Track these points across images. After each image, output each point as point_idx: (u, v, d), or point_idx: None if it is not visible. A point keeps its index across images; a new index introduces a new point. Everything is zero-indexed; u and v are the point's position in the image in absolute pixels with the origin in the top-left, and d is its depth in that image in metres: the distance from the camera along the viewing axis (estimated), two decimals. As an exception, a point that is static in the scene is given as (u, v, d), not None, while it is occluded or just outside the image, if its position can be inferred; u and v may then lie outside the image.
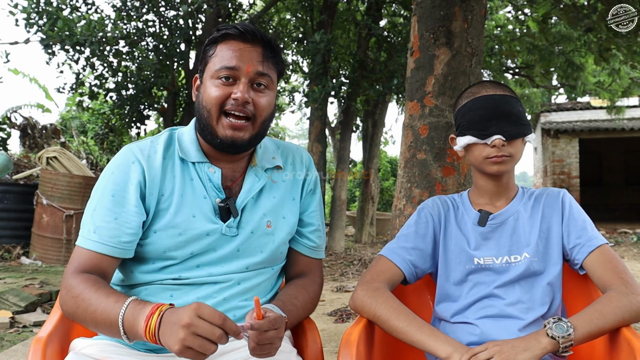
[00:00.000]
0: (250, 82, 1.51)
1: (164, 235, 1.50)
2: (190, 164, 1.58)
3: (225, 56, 1.50)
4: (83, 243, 1.47)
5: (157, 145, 1.58)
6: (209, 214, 1.54)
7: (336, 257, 9.55)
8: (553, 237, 1.71)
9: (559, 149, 17.08)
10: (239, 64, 1.49)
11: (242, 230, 1.57)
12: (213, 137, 1.52)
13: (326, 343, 4.04)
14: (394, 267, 1.73)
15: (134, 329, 1.29)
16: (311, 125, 10.43)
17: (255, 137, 1.55)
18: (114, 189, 1.49)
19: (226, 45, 1.51)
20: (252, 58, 1.50)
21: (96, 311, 1.35)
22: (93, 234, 1.46)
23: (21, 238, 7.64)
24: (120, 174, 1.51)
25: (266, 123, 1.56)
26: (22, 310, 4.43)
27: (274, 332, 1.33)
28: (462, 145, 1.73)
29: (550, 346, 1.42)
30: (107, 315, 1.33)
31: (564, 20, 7.19)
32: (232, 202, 1.56)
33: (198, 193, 1.55)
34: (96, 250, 1.46)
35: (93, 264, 1.46)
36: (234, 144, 1.51)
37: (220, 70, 1.49)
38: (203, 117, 1.53)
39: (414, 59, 3.43)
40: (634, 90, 11.94)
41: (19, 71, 13.93)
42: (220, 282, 1.54)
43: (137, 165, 1.51)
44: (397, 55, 9.63)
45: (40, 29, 9.07)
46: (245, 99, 1.48)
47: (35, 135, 10.87)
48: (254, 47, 1.51)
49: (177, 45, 9.67)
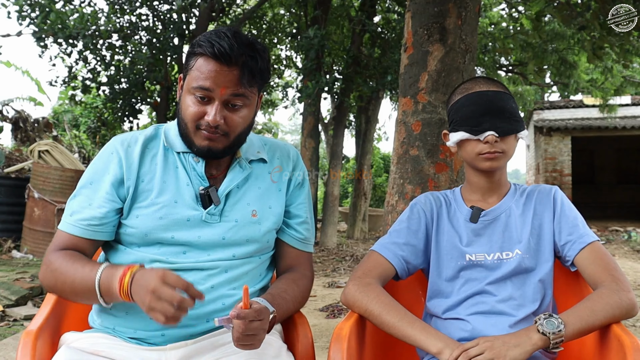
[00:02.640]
0: (225, 103, 1.51)
1: (146, 218, 1.54)
2: (175, 153, 1.62)
3: (201, 75, 1.49)
4: (61, 226, 1.57)
5: (139, 137, 1.64)
6: (190, 201, 1.57)
7: (328, 252, 9.55)
8: (545, 233, 1.71)
9: (551, 147, 17.12)
10: (213, 87, 1.48)
11: (226, 219, 1.59)
12: (190, 145, 1.58)
13: (317, 338, 4.05)
14: (385, 263, 1.74)
15: (109, 291, 1.41)
16: (304, 120, 10.42)
17: (230, 147, 1.58)
18: (92, 177, 1.59)
19: (204, 62, 1.49)
20: (227, 81, 1.48)
21: (74, 281, 1.46)
22: (69, 217, 1.56)
23: (12, 232, 7.61)
24: (100, 165, 1.60)
25: (242, 135, 1.60)
26: (13, 304, 4.42)
27: (259, 323, 1.34)
28: (455, 141, 1.73)
29: (541, 342, 1.42)
30: (85, 282, 1.44)
31: (557, 18, 7.21)
32: (214, 190, 1.59)
33: (181, 180, 1.59)
34: (71, 232, 1.55)
35: (71, 244, 1.55)
36: (209, 152, 1.56)
37: (196, 89, 1.50)
38: (181, 126, 1.58)
39: (408, 55, 3.42)
40: (627, 89, 12.00)
41: (11, 64, 13.84)
42: (207, 268, 1.56)
43: (115, 155, 1.59)
44: (390, 51, 9.64)
45: (33, 22, 9.03)
46: (217, 123, 1.50)
47: (27, 128, 10.81)
48: (230, 68, 1.48)
49: (170, 39, 9.64)
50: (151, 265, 1.52)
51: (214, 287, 1.55)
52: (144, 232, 1.54)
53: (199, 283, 1.53)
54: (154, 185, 1.57)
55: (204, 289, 1.52)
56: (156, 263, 1.53)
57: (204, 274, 1.55)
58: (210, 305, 1.54)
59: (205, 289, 1.52)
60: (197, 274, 1.54)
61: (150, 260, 1.53)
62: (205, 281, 1.54)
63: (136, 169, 1.57)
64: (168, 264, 1.53)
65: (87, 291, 1.44)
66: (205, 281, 1.54)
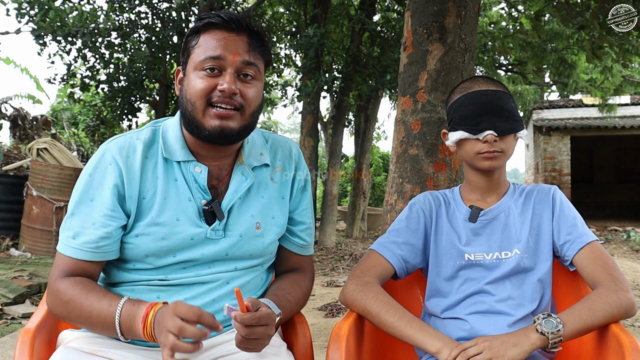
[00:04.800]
0: (237, 72, 1.44)
1: (147, 238, 1.46)
2: (175, 163, 1.51)
3: (210, 46, 1.43)
4: (64, 250, 1.46)
5: (137, 143, 1.51)
6: (194, 217, 1.50)
7: (327, 252, 9.55)
8: (543, 233, 1.71)
9: (550, 146, 17.12)
10: (224, 54, 1.42)
11: (230, 233, 1.53)
12: (200, 130, 1.45)
13: (316, 337, 4.05)
14: (384, 262, 1.73)
15: (131, 330, 1.34)
16: (303, 119, 10.41)
17: (245, 128, 1.48)
18: (92, 193, 1.46)
19: (210, 35, 1.44)
20: (238, 47, 1.43)
21: (91, 316, 1.38)
22: (72, 240, 1.45)
23: (10, 229, 7.59)
24: (97, 177, 1.47)
25: (255, 114, 1.50)
26: (11, 302, 4.41)
27: (263, 328, 1.32)
28: (454, 140, 1.73)
29: (540, 342, 1.42)
30: (103, 318, 1.37)
31: (557, 17, 7.20)
32: (217, 205, 1.50)
33: (182, 195, 1.50)
34: (77, 257, 1.44)
35: (77, 268, 1.45)
36: (222, 134, 1.44)
37: (205, 61, 1.42)
38: (187, 110, 1.46)
39: (407, 54, 3.42)
40: (626, 89, 12.00)
41: (11, 60, 13.81)
42: (209, 282, 1.52)
43: (115, 167, 1.46)
44: (390, 50, 9.63)
45: (32, 19, 9.02)
46: (233, 90, 1.41)
47: (26, 126, 10.79)
48: (239, 35, 1.44)
49: (169, 37, 9.63)
50: (150, 281, 1.50)
51: (215, 300, 1.52)
52: (143, 254, 1.47)
53: (199, 297, 1.50)
54: (155, 202, 1.47)
55: (204, 303, 1.50)
56: (154, 280, 1.50)
57: (205, 287, 1.51)
58: None
59: (206, 302, 1.50)
60: (198, 288, 1.51)
61: (149, 279, 1.50)
62: (207, 295, 1.51)
63: (138, 183, 1.47)
64: (167, 281, 1.50)
65: (106, 327, 1.38)
66: (206, 295, 1.51)
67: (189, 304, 1.26)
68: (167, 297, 1.49)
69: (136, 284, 1.51)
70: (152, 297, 1.49)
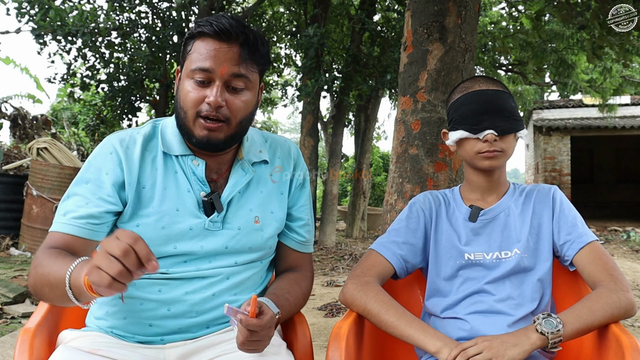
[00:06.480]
0: (225, 84, 1.45)
1: (147, 228, 1.47)
2: (174, 157, 1.54)
3: (200, 56, 1.44)
4: (53, 227, 1.45)
5: (137, 136, 1.55)
6: (193, 208, 1.51)
7: (327, 251, 9.54)
8: (543, 233, 1.71)
9: (550, 146, 17.13)
10: (213, 66, 1.43)
11: (228, 226, 1.54)
12: (189, 136, 1.49)
13: (316, 337, 4.05)
14: (384, 262, 1.73)
15: (77, 283, 1.20)
16: (303, 119, 10.40)
17: (232, 137, 1.50)
18: (88, 177, 1.48)
19: (202, 43, 1.45)
20: (227, 59, 1.43)
21: (50, 274, 1.29)
22: (62, 217, 1.44)
23: (10, 229, 7.60)
24: (96, 163, 1.50)
25: (243, 123, 1.51)
26: (11, 302, 4.41)
27: (265, 330, 1.33)
28: (454, 139, 1.73)
29: (540, 342, 1.42)
30: (60, 280, 1.24)
31: (557, 17, 7.20)
32: (217, 197, 1.53)
33: (182, 186, 1.52)
34: (64, 231, 1.42)
35: (63, 244, 1.42)
36: (209, 143, 1.47)
37: (195, 72, 1.44)
38: (180, 117, 1.49)
39: (407, 54, 3.42)
40: (626, 89, 12.00)
41: (11, 60, 13.81)
42: (209, 276, 1.53)
43: (115, 155, 1.50)
44: (390, 50, 9.62)
45: (32, 19, 9.02)
46: (219, 103, 1.43)
47: (26, 125, 10.80)
48: (230, 47, 1.44)
49: (169, 37, 9.64)
50: (151, 275, 1.47)
51: (215, 294, 1.53)
52: None
53: (199, 291, 1.51)
54: (155, 192, 1.50)
55: (205, 297, 1.51)
56: (155, 274, 1.46)
57: (205, 282, 1.52)
58: (211, 313, 1.53)
59: (206, 297, 1.51)
60: (198, 282, 1.52)
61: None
62: (207, 289, 1.52)
63: (137, 173, 1.49)
64: (168, 275, 1.50)
65: (60, 286, 1.24)
66: (206, 289, 1.52)
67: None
68: (168, 290, 1.50)
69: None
70: (153, 290, 1.50)
